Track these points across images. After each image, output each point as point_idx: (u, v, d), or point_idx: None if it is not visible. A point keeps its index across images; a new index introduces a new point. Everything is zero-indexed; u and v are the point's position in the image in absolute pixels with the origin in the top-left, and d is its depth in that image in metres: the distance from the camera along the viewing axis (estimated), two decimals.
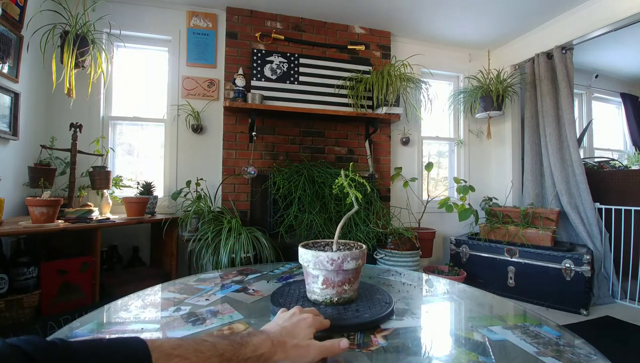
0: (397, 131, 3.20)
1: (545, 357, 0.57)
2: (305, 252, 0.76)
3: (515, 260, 2.58)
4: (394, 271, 1.15)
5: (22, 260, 1.62)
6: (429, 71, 3.16)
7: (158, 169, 2.73)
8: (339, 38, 2.98)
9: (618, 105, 4.52)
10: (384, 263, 2.46)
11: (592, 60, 3.73)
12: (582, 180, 2.69)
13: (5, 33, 1.86)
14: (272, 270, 1.15)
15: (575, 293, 2.32)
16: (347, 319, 0.69)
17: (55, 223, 1.70)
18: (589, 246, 2.61)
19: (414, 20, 2.94)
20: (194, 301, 0.84)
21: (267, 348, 0.49)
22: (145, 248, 2.59)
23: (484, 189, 3.42)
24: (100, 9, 2.29)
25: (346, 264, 0.73)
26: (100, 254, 1.90)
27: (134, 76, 2.74)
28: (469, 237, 2.94)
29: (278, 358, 0.49)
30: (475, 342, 0.63)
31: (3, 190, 1.88)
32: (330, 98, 2.84)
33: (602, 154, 4.18)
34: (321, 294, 0.75)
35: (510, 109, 3.33)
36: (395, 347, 0.61)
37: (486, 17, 2.86)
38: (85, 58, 1.98)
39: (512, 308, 0.87)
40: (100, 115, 2.54)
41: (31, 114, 2.20)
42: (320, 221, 2.26)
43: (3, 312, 1.52)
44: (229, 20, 2.72)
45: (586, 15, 2.61)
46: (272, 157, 2.76)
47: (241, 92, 2.49)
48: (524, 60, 3.18)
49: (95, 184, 2.17)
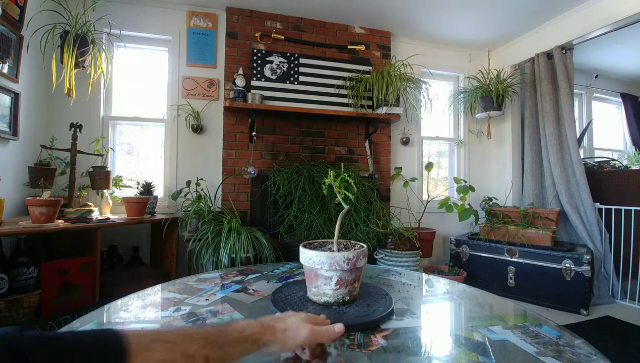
0: (397, 131, 3.20)
1: (545, 357, 0.57)
2: (318, 255, 0.74)
3: (515, 260, 2.58)
4: (394, 271, 1.15)
5: (22, 260, 1.62)
6: (429, 71, 3.16)
7: (158, 169, 2.73)
8: (339, 38, 2.98)
9: (618, 105, 4.52)
10: (384, 263, 2.46)
11: (592, 60, 3.72)
12: (582, 180, 2.69)
13: (5, 33, 1.86)
14: (272, 270, 1.15)
15: (575, 293, 2.31)
16: (347, 319, 0.69)
17: (55, 223, 1.70)
18: (589, 246, 2.61)
19: (414, 20, 2.94)
20: (194, 301, 0.84)
21: (256, 329, 0.48)
22: (145, 248, 2.59)
23: (484, 189, 3.42)
24: (100, 9, 2.29)
25: (359, 262, 0.75)
26: (100, 254, 1.90)
27: (134, 76, 2.73)
28: (469, 237, 2.94)
29: (268, 339, 0.48)
30: (475, 342, 0.63)
31: (3, 190, 1.88)
32: (330, 98, 2.84)
33: (602, 154, 4.18)
34: (333, 295, 0.75)
35: (510, 109, 3.33)
36: (395, 347, 0.61)
37: (486, 17, 2.86)
38: (85, 58, 1.98)
39: (512, 308, 0.87)
40: (100, 115, 2.54)
41: (31, 114, 2.20)
42: (320, 221, 2.26)
43: (3, 312, 1.52)
44: (229, 20, 2.72)
45: (586, 15, 2.61)
46: (272, 157, 2.76)
47: (241, 92, 2.49)
48: (524, 60, 3.18)
49: (95, 184, 2.17)
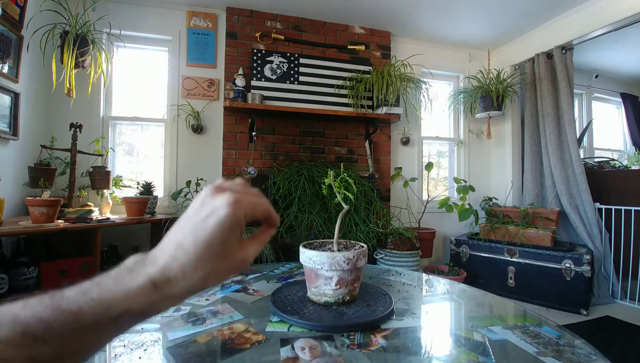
0: (397, 131, 3.20)
1: (545, 357, 0.57)
2: (318, 255, 0.74)
3: (516, 260, 2.58)
4: (394, 271, 1.15)
5: (22, 260, 1.62)
6: (429, 71, 3.16)
7: (158, 169, 2.73)
8: (339, 38, 2.98)
9: (618, 105, 4.52)
10: (384, 263, 2.46)
11: (592, 60, 3.72)
12: (582, 180, 2.69)
13: (5, 33, 1.86)
14: (272, 270, 1.15)
15: (575, 293, 2.31)
16: (347, 319, 0.69)
17: (55, 223, 1.70)
18: (589, 246, 2.61)
19: (414, 20, 2.94)
20: (193, 301, 0.84)
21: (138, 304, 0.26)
22: (145, 249, 2.56)
23: (484, 189, 3.42)
24: (100, 9, 2.29)
25: (359, 262, 0.75)
26: (100, 254, 1.90)
27: (134, 76, 2.73)
28: (469, 237, 2.94)
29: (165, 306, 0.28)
30: (475, 342, 0.63)
31: (3, 190, 1.88)
32: (330, 98, 2.84)
33: (602, 154, 4.18)
34: (334, 295, 0.75)
35: (510, 109, 3.33)
36: (395, 347, 0.61)
37: (486, 17, 2.86)
38: (85, 58, 1.98)
39: (512, 308, 0.87)
40: (100, 115, 2.54)
41: (31, 114, 2.20)
42: (320, 221, 2.26)
43: None
44: (229, 20, 2.72)
45: (586, 15, 2.61)
46: (272, 157, 2.76)
47: (241, 92, 2.49)
48: (524, 60, 3.18)
49: (95, 184, 2.17)
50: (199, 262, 0.28)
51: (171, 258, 0.28)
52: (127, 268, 0.28)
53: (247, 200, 0.31)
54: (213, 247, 0.28)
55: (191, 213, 0.30)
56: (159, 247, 0.30)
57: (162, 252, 0.29)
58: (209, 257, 0.28)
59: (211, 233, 0.28)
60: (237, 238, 0.30)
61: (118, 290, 0.26)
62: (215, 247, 0.28)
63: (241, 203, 0.30)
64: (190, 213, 0.30)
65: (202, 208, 0.30)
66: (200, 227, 0.28)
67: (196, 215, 0.29)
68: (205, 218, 0.29)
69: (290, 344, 0.61)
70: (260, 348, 0.60)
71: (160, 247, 0.29)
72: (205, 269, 0.28)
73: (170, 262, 0.28)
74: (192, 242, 0.28)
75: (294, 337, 0.63)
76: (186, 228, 0.29)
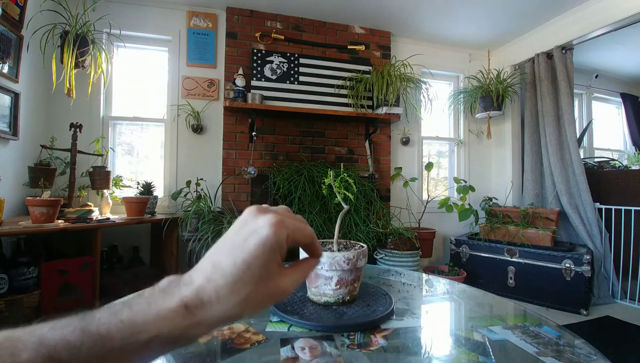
0: (397, 131, 3.20)
1: (545, 357, 0.57)
2: None
3: (515, 260, 2.58)
4: (394, 271, 1.15)
5: (22, 260, 1.62)
6: (429, 71, 3.16)
7: (158, 169, 2.73)
8: (339, 38, 2.98)
9: (618, 105, 4.52)
10: (384, 263, 2.46)
11: (592, 60, 3.73)
12: (582, 180, 2.69)
13: (5, 33, 1.86)
14: None
15: (575, 293, 2.31)
16: (347, 319, 0.69)
17: (55, 223, 1.70)
18: (589, 246, 2.61)
19: (414, 20, 2.94)
20: None
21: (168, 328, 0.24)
22: (145, 248, 2.59)
23: (484, 189, 3.42)
24: (100, 9, 2.29)
25: (359, 262, 0.75)
26: (100, 254, 1.90)
27: (134, 76, 2.73)
28: (469, 237, 2.94)
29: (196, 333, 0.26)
30: (475, 342, 0.63)
31: (3, 190, 1.88)
32: (330, 98, 2.84)
33: (602, 154, 4.18)
34: (334, 295, 0.75)
35: (510, 109, 3.33)
36: (395, 347, 0.61)
37: (486, 17, 2.86)
38: (85, 58, 1.98)
39: (512, 308, 0.87)
40: (100, 115, 2.54)
41: (31, 114, 2.20)
42: (320, 221, 2.26)
43: (3, 312, 1.52)
44: (229, 20, 2.72)
45: (586, 15, 2.61)
46: (272, 157, 2.76)
47: (241, 92, 2.49)
48: (524, 60, 3.18)
49: (95, 184, 2.17)
50: (236, 285, 0.26)
51: (206, 279, 0.26)
52: (161, 289, 0.26)
53: (291, 224, 0.30)
54: (252, 269, 0.26)
55: (232, 234, 0.29)
56: (195, 268, 0.28)
57: (198, 273, 0.27)
58: (247, 280, 0.26)
59: (251, 253, 0.27)
60: (278, 263, 0.28)
61: (149, 312, 0.24)
62: (254, 269, 0.26)
63: (285, 225, 0.28)
64: (231, 233, 0.29)
65: (243, 229, 0.28)
66: (240, 247, 0.27)
67: (237, 235, 0.28)
68: (246, 238, 0.27)
69: (290, 344, 0.61)
70: (260, 348, 0.60)
71: (197, 268, 0.28)
72: (242, 294, 0.26)
73: (205, 284, 0.26)
74: (229, 262, 0.26)
75: (294, 337, 0.63)
76: (225, 249, 0.28)
